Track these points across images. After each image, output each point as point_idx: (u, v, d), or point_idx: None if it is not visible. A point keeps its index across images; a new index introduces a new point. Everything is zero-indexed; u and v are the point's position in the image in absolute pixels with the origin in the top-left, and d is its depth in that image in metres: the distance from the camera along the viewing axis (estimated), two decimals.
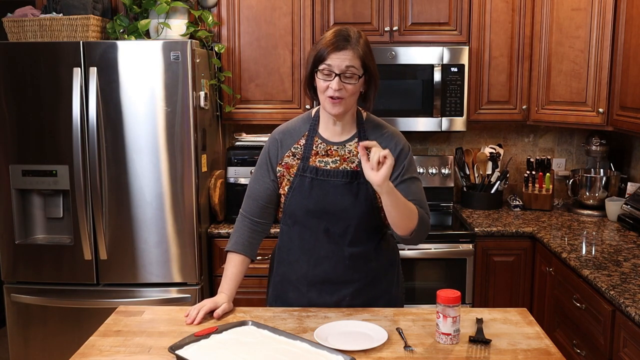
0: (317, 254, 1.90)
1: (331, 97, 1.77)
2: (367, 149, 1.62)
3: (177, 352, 1.54)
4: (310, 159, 1.87)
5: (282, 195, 1.91)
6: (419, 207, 1.81)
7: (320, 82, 1.79)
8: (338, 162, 1.87)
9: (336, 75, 1.75)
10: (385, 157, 1.58)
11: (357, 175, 1.84)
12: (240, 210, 2.00)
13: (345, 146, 1.88)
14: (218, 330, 1.67)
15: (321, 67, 1.77)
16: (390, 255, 2.00)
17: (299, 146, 1.91)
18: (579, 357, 2.41)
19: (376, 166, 1.58)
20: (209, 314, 1.82)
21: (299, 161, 1.88)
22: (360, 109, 1.93)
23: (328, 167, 1.86)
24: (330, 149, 1.88)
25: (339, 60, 1.75)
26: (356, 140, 1.88)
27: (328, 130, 1.90)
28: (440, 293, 1.64)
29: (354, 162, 1.86)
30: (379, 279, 1.95)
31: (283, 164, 1.90)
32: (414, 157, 3.48)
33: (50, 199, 2.95)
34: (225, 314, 1.85)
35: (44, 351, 2.96)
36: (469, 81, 3.20)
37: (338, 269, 1.89)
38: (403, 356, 1.59)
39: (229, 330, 1.68)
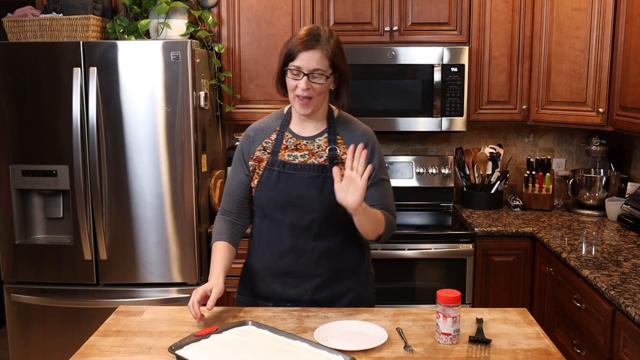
0: (281, 247, 1.92)
1: (299, 97, 1.81)
2: (342, 169, 1.68)
3: (177, 352, 1.54)
4: (280, 153, 1.90)
5: (253, 189, 1.93)
6: (385, 211, 1.86)
7: (289, 81, 1.83)
8: (307, 156, 1.89)
9: (304, 75, 1.78)
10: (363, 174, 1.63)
11: (324, 169, 1.86)
12: (219, 207, 2.03)
13: (314, 141, 1.91)
14: (218, 330, 1.67)
15: (290, 66, 1.80)
16: (357, 253, 1.98)
17: (270, 141, 1.93)
18: (579, 357, 2.41)
19: (359, 178, 1.62)
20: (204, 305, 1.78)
21: (269, 155, 1.91)
22: (332, 106, 1.95)
23: (296, 161, 1.88)
24: (299, 144, 1.91)
25: (307, 61, 1.78)
26: (326, 135, 1.91)
27: (299, 125, 1.94)
28: (440, 293, 1.64)
29: (322, 156, 1.88)
30: (344, 276, 1.95)
31: (254, 157, 1.93)
32: (414, 157, 3.52)
33: (50, 199, 2.95)
34: (224, 312, 1.85)
35: (44, 351, 2.96)
36: (469, 81, 3.20)
37: (300, 263, 1.91)
38: (403, 356, 1.59)
39: (229, 330, 1.68)
